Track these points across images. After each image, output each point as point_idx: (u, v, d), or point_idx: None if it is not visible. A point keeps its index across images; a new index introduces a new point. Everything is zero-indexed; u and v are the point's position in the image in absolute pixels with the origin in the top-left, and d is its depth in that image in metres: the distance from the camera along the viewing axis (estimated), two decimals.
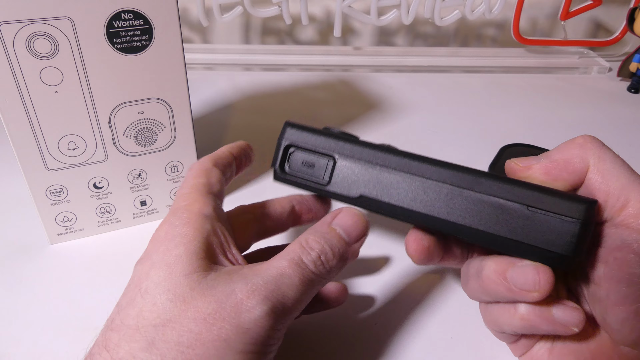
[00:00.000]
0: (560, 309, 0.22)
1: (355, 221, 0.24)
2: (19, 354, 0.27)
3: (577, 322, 0.22)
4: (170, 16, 0.30)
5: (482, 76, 0.64)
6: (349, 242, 0.23)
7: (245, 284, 0.20)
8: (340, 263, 0.23)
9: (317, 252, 0.22)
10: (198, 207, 0.23)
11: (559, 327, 0.22)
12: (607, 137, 0.54)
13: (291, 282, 0.21)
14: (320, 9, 0.67)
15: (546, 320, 0.22)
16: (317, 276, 0.22)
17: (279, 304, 0.20)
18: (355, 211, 0.24)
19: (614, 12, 0.71)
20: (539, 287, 0.21)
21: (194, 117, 0.34)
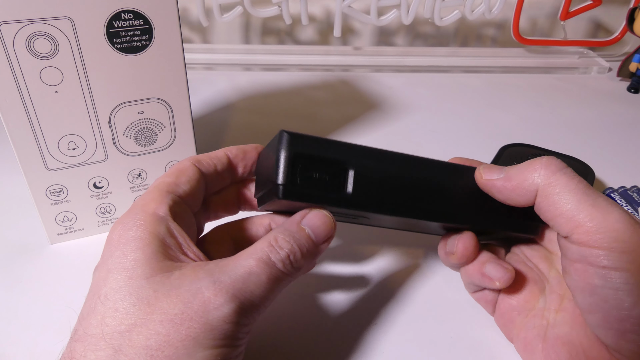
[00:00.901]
0: (492, 265, 0.26)
1: (324, 222, 0.24)
2: (19, 354, 0.27)
3: (499, 277, 0.26)
4: (170, 16, 0.30)
5: (482, 76, 0.64)
6: (316, 243, 0.24)
7: (212, 282, 0.20)
8: (308, 262, 0.23)
9: (286, 251, 0.22)
10: (153, 207, 0.23)
11: (485, 279, 0.26)
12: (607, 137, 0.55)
13: (259, 280, 0.21)
14: (320, 9, 0.67)
15: (479, 273, 0.27)
16: (284, 275, 0.22)
17: (246, 302, 0.21)
18: (323, 213, 0.24)
19: (614, 12, 0.71)
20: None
21: (194, 117, 0.34)
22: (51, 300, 0.30)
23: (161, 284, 0.20)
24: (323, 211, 0.24)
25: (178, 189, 0.24)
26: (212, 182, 0.27)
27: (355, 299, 0.31)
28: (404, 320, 0.30)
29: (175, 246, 0.22)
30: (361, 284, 0.32)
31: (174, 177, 0.25)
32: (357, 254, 0.34)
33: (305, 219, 0.24)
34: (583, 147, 0.49)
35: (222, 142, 0.47)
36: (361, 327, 0.29)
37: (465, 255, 0.27)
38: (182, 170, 0.25)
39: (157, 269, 0.21)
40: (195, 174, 0.25)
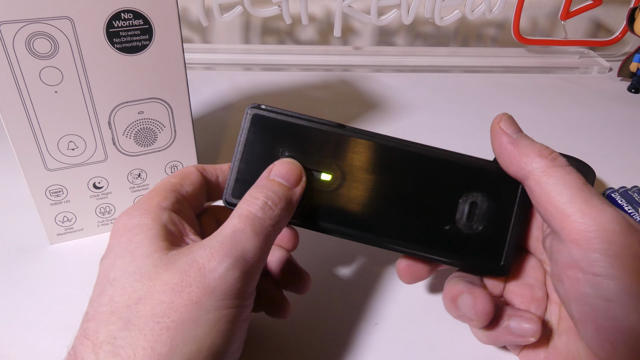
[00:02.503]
0: (515, 320, 0.24)
1: (290, 167, 0.25)
2: (19, 354, 0.27)
3: (532, 332, 0.24)
4: (170, 16, 0.30)
5: (482, 76, 0.64)
6: (290, 187, 0.24)
7: (204, 249, 0.21)
8: (287, 206, 0.24)
9: (262, 199, 0.23)
10: (157, 200, 0.24)
11: (517, 338, 0.24)
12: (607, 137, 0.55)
13: (245, 235, 0.22)
14: (320, 9, 0.67)
15: (505, 332, 0.25)
16: (267, 221, 0.23)
17: (239, 258, 0.21)
18: (288, 160, 0.25)
19: (614, 12, 0.71)
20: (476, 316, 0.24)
21: (194, 117, 0.34)
22: (51, 300, 0.30)
23: (160, 260, 0.21)
24: (286, 159, 0.25)
25: (182, 189, 0.25)
26: (213, 191, 0.27)
27: (356, 299, 0.31)
28: (404, 320, 0.30)
29: (176, 232, 0.23)
30: (361, 284, 0.32)
31: (179, 179, 0.26)
32: (357, 254, 0.34)
33: (272, 172, 0.25)
34: (584, 147, 0.49)
35: (222, 142, 0.47)
36: (361, 327, 0.29)
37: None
38: (187, 174, 0.26)
39: (157, 247, 0.22)
40: (199, 179, 0.26)
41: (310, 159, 0.26)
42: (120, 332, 0.20)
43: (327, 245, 0.35)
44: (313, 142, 0.26)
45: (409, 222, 0.25)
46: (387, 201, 0.25)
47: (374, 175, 0.26)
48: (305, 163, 0.25)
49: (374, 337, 0.29)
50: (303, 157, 0.25)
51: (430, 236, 0.25)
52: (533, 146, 0.24)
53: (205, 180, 0.27)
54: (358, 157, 0.26)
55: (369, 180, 0.26)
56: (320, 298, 0.31)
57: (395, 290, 0.32)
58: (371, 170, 0.26)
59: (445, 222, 0.25)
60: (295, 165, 0.25)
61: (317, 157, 0.26)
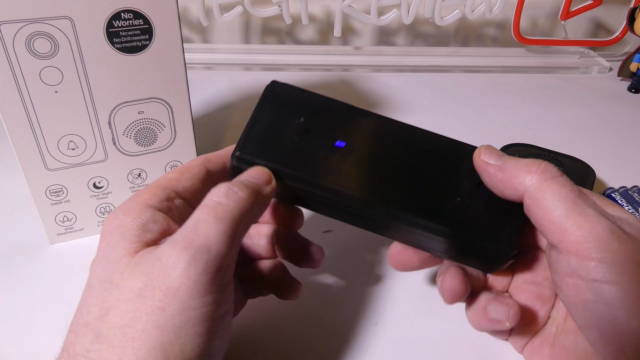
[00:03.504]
0: (493, 306, 0.25)
1: (257, 169, 0.24)
2: (19, 354, 0.27)
3: (506, 317, 0.24)
4: (170, 16, 0.30)
5: (482, 76, 0.64)
6: (257, 184, 0.24)
7: (166, 245, 0.20)
8: (253, 194, 0.23)
9: (225, 187, 0.22)
10: (144, 198, 0.23)
11: (494, 323, 0.25)
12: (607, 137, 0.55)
13: (207, 224, 0.21)
14: (320, 9, 0.67)
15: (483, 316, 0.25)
16: (233, 207, 0.22)
17: (201, 249, 0.20)
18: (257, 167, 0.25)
19: (614, 12, 0.71)
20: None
21: (194, 117, 0.34)
22: (51, 300, 0.30)
23: (126, 265, 0.21)
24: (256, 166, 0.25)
25: (178, 184, 0.25)
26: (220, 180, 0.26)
27: (356, 299, 0.31)
28: (404, 320, 0.30)
29: (158, 231, 0.22)
30: (361, 284, 0.32)
31: (178, 174, 0.25)
32: (356, 254, 0.34)
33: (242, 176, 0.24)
34: (584, 147, 0.49)
35: (222, 142, 0.47)
36: (361, 327, 0.29)
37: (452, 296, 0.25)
38: (189, 168, 0.25)
39: (128, 251, 0.21)
40: (201, 172, 0.25)
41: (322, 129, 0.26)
42: (92, 345, 0.19)
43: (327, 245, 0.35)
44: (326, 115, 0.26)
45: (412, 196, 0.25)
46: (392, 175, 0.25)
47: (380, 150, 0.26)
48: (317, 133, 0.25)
49: (374, 337, 0.29)
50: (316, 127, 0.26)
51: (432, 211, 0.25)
52: (520, 165, 0.24)
53: (207, 173, 0.26)
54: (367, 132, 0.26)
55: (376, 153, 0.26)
56: (320, 298, 0.31)
57: (395, 290, 0.32)
58: (378, 145, 0.26)
59: (446, 201, 0.25)
60: (264, 170, 0.24)
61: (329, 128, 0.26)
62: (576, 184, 0.23)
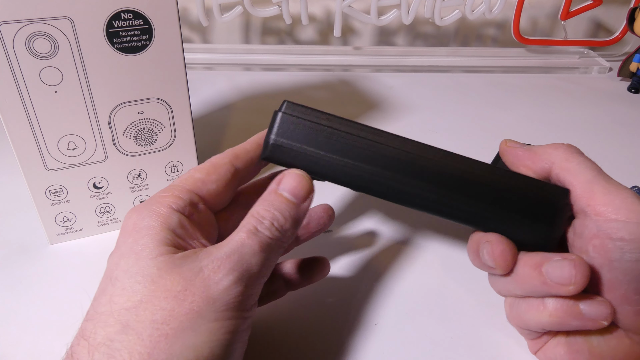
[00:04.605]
0: (587, 304, 0.23)
1: (299, 181, 0.24)
2: (19, 354, 0.27)
3: (605, 316, 0.23)
4: (170, 16, 0.30)
5: (482, 76, 0.64)
6: (297, 204, 0.24)
7: (210, 260, 0.21)
8: (293, 224, 0.24)
9: (269, 220, 0.23)
10: (169, 201, 0.23)
11: (587, 322, 0.23)
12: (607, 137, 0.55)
13: (252, 250, 0.22)
14: (320, 9, 0.67)
15: (574, 315, 0.23)
16: (274, 240, 0.23)
17: (244, 272, 0.21)
18: (297, 172, 0.24)
19: (614, 12, 0.71)
20: (575, 281, 0.22)
21: (194, 117, 0.34)
22: (51, 300, 0.30)
23: (164, 263, 0.21)
24: (296, 171, 0.24)
25: (203, 187, 0.25)
26: (249, 174, 0.27)
27: (356, 299, 0.31)
28: (404, 320, 0.30)
29: (185, 236, 0.23)
30: (361, 283, 0.32)
31: (204, 174, 0.25)
32: (356, 254, 0.34)
33: (280, 184, 0.24)
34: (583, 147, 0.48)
35: (222, 142, 0.47)
36: (361, 327, 0.29)
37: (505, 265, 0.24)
38: (216, 167, 0.25)
39: (163, 251, 0.21)
40: (228, 173, 0.25)
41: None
42: (117, 335, 0.20)
43: (327, 245, 0.35)
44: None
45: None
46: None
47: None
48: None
49: (374, 337, 0.29)
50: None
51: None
52: (545, 146, 0.26)
53: (235, 173, 0.26)
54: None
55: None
56: (320, 298, 0.31)
57: (395, 290, 0.32)
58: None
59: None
60: (304, 179, 0.24)
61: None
62: None
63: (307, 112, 0.25)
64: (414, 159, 0.25)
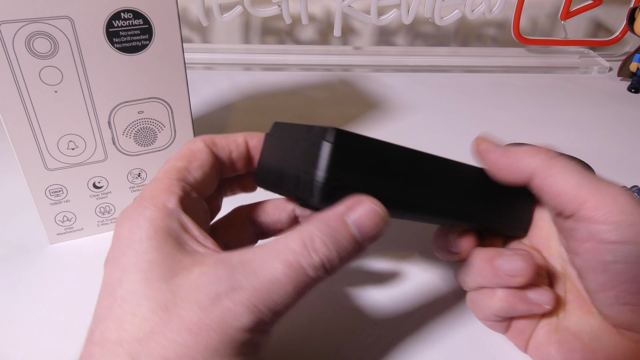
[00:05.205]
0: (533, 291, 0.25)
1: (375, 222, 0.20)
2: (19, 354, 0.27)
3: (548, 301, 0.25)
4: (170, 16, 0.30)
5: (483, 76, 0.64)
6: (361, 244, 0.20)
7: (231, 287, 0.18)
8: (344, 264, 0.20)
9: (321, 257, 0.19)
10: (162, 199, 0.21)
11: (533, 306, 0.25)
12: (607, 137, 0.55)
13: (284, 290, 0.19)
14: (320, 9, 0.67)
15: (521, 300, 0.25)
16: (314, 281, 0.20)
17: (268, 312, 0.19)
18: (377, 208, 0.20)
19: (614, 12, 0.71)
20: (524, 273, 0.24)
21: (193, 117, 0.34)
22: (51, 300, 0.30)
23: (179, 287, 0.19)
24: (375, 203, 0.20)
25: (189, 175, 0.22)
26: (225, 168, 0.25)
27: (356, 299, 0.31)
28: (404, 320, 0.30)
29: (190, 240, 0.21)
30: (361, 283, 0.32)
31: (186, 162, 0.23)
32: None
33: (353, 212, 0.20)
34: (583, 147, 0.49)
35: None
36: (361, 327, 0.29)
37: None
38: (195, 153, 0.23)
39: (176, 269, 0.19)
40: (209, 159, 0.23)
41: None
42: None
43: None
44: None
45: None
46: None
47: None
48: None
49: (374, 337, 0.29)
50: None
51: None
52: (522, 149, 0.25)
53: (215, 159, 0.24)
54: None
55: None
56: (320, 297, 0.31)
57: (395, 289, 0.32)
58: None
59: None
60: (382, 219, 0.20)
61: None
62: None
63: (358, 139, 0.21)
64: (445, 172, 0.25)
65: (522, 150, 0.25)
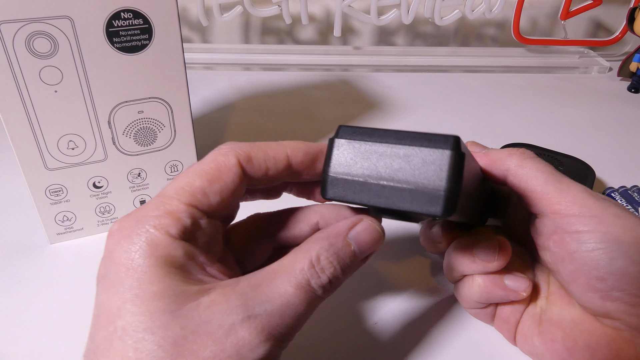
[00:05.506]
0: (510, 277, 0.27)
1: (374, 239, 0.21)
2: (19, 354, 0.27)
3: (524, 288, 0.26)
4: (170, 15, 0.30)
5: (482, 76, 0.64)
6: (360, 260, 0.21)
7: (246, 317, 0.18)
8: (347, 277, 0.21)
9: (328, 276, 0.19)
10: (166, 225, 0.19)
11: (510, 292, 0.26)
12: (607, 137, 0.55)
13: (296, 311, 0.19)
14: (320, 9, 0.67)
15: (499, 286, 0.26)
16: (322, 299, 0.20)
17: (282, 336, 0.19)
18: (376, 227, 0.21)
19: (614, 12, 0.71)
20: (498, 257, 0.26)
21: (193, 117, 0.34)
22: (51, 300, 0.30)
23: (189, 319, 0.18)
24: (375, 224, 0.22)
25: (204, 200, 0.20)
26: (255, 183, 0.22)
27: (356, 299, 0.31)
28: (404, 319, 0.30)
29: (196, 269, 0.19)
30: (360, 283, 0.32)
31: (206, 181, 0.20)
32: None
33: (354, 230, 0.21)
34: (583, 147, 0.49)
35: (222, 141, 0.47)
36: (361, 327, 0.29)
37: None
38: (221, 172, 0.21)
39: (182, 301, 0.18)
40: (235, 181, 0.21)
41: None
42: None
43: None
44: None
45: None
46: None
47: None
48: None
49: (374, 336, 0.29)
50: None
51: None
52: (501, 151, 0.27)
53: (242, 180, 0.21)
54: None
55: None
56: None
57: (395, 289, 0.32)
58: None
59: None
60: (380, 237, 0.21)
61: None
62: None
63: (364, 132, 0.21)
64: None
65: (500, 152, 0.27)
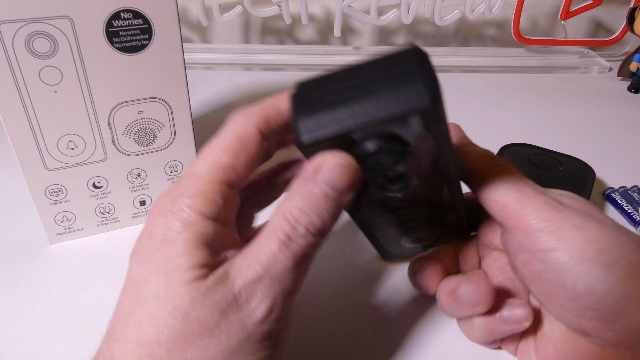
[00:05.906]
0: (507, 308, 0.25)
1: (343, 172, 0.19)
2: (19, 354, 0.27)
3: (525, 317, 0.24)
4: (170, 15, 0.30)
5: (482, 76, 0.64)
6: (338, 198, 0.20)
7: (243, 283, 0.19)
8: (333, 222, 0.20)
9: (304, 225, 0.19)
10: (200, 206, 0.20)
11: (513, 325, 0.25)
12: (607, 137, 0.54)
13: (285, 267, 0.19)
14: (320, 9, 0.67)
15: (499, 323, 0.25)
16: (308, 249, 0.20)
17: (278, 294, 0.19)
18: (341, 160, 0.19)
19: (614, 12, 0.71)
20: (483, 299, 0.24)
21: (193, 117, 0.34)
22: (51, 300, 0.30)
23: (197, 291, 0.19)
24: (339, 157, 0.20)
25: (234, 176, 0.20)
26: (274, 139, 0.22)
27: (356, 299, 0.31)
28: (404, 319, 0.30)
29: (221, 245, 0.20)
30: (360, 283, 0.32)
31: (233, 156, 0.20)
32: (356, 254, 0.34)
33: (319, 173, 0.19)
34: (583, 147, 0.48)
35: None
36: (361, 327, 0.29)
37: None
38: (244, 144, 0.21)
39: (197, 275, 0.19)
40: (257, 150, 0.21)
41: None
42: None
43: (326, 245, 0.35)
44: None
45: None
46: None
47: None
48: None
49: (374, 337, 0.29)
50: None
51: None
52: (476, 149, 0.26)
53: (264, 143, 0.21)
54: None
55: None
56: (319, 297, 0.31)
57: (394, 289, 0.32)
58: None
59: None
60: (349, 168, 0.20)
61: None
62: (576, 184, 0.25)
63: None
64: None
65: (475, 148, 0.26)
